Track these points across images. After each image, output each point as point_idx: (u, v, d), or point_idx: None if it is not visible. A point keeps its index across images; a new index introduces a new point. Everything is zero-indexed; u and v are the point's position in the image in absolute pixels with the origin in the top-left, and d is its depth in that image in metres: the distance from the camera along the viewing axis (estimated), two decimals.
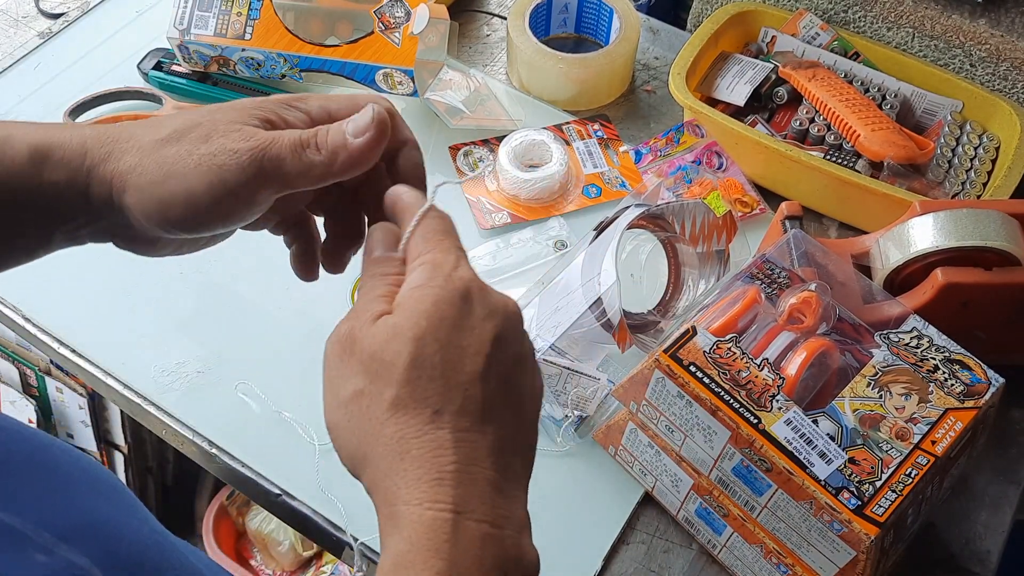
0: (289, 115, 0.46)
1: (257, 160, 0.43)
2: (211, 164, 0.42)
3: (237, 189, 0.43)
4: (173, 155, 0.43)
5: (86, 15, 1.04)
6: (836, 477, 0.56)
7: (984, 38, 0.91)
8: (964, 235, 0.69)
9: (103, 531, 0.47)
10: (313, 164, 0.44)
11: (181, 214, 0.43)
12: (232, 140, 0.43)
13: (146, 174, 0.43)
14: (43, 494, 0.46)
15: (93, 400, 1.16)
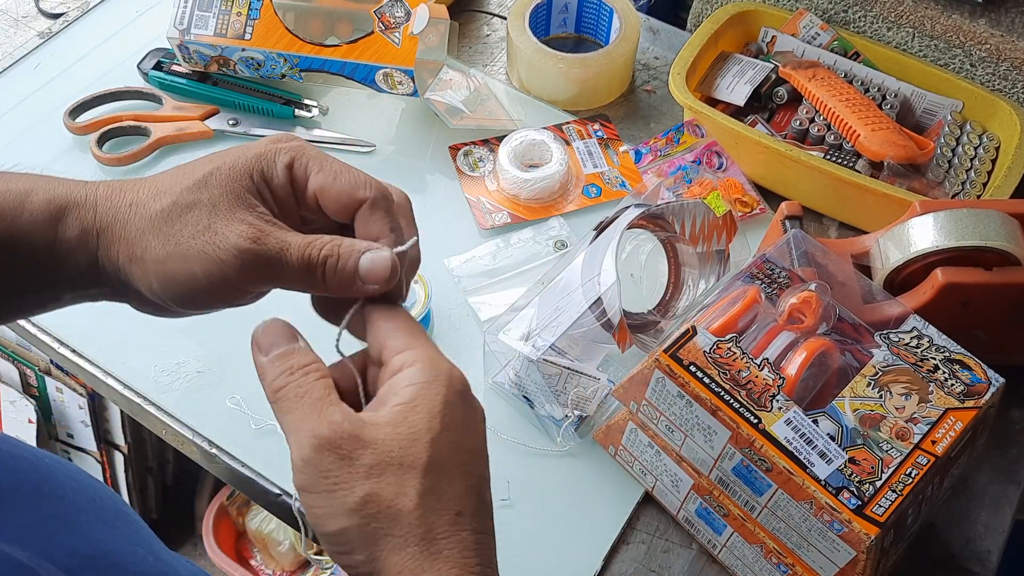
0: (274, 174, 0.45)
1: (263, 267, 0.43)
2: (214, 256, 0.42)
3: (237, 283, 0.43)
4: (175, 236, 0.43)
5: (86, 15, 1.04)
6: (836, 477, 0.56)
7: (984, 38, 0.91)
8: (964, 235, 0.69)
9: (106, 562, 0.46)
10: (316, 288, 0.44)
11: (180, 293, 0.44)
12: (235, 235, 0.42)
13: (149, 250, 0.43)
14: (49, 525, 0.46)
15: (93, 400, 1.16)
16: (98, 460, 1.22)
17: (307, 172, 0.46)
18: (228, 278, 0.43)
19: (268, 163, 0.45)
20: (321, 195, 0.46)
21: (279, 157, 0.45)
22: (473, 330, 0.81)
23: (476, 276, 0.83)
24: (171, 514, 1.37)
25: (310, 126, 0.94)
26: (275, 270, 0.43)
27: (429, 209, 0.89)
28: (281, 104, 0.93)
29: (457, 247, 0.86)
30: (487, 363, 0.76)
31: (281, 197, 0.46)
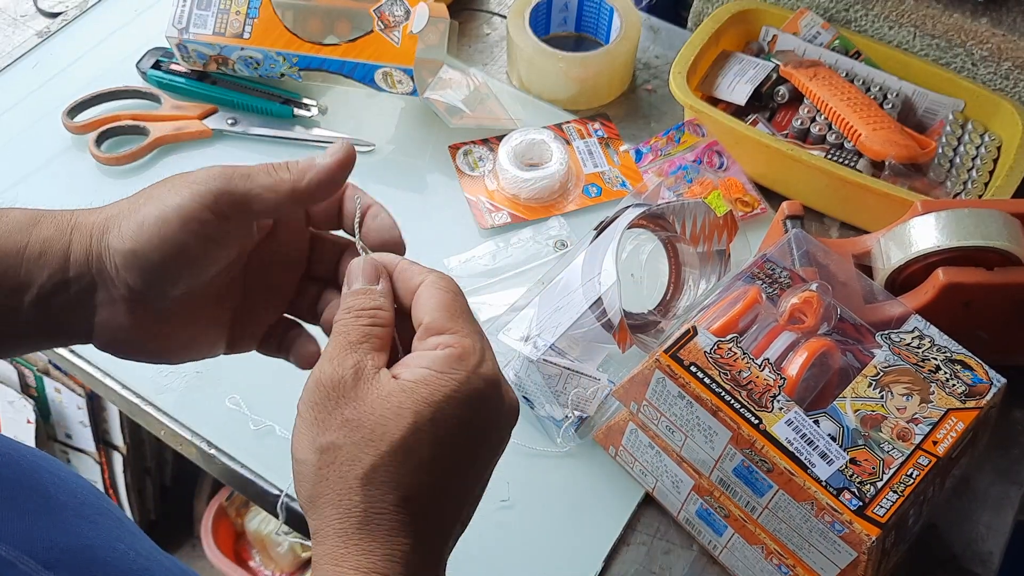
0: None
1: (227, 174, 0.44)
2: (183, 188, 0.44)
3: (208, 203, 0.43)
4: (150, 191, 0.45)
5: (85, 14, 1.03)
6: (837, 478, 0.55)
7: (986, 37, 0.91)
8: (966, 235, 0.69)
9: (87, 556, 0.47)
10: (281, 179, 0.45)
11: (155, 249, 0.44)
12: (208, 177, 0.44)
13: (121, 211, 0.45)
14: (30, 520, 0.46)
15: (92, 400, 1.15)
16: (97, 461, 1.22)
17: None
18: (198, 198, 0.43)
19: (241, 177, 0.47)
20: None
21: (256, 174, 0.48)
22: None
23: (476, 276, 0.83)
24: (170, 515, 1.37)
25: (309, 125, 0.94)
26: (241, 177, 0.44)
27: (429, 209, 0.89)
28: (280, 103, 0.93)
29: (457, 247, 0.85)
30: None
31: None
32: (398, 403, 0.40)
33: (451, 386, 0.40)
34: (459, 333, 0.42)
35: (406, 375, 0.41)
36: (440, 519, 0.42)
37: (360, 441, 0.40)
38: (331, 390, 0.41)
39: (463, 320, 0.43)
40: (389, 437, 0.39)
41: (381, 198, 0.93)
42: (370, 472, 0.39)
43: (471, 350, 0.42)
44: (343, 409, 0.40)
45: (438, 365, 0.41)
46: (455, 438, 0.41)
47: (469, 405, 0.41)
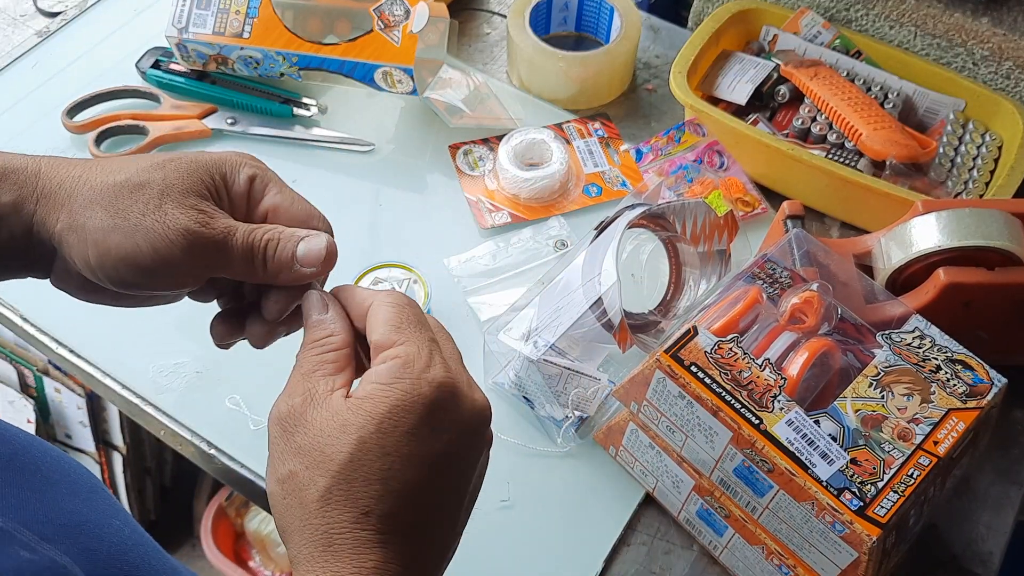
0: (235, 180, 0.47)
1: (208, 250, 0.44)
2: (161, 233, 0.43)
3: (180, 264, 0.43)
4: (124, 209, 0.43)
5: (84, 13, 1.03)
6: (838, 478, 0.55)
7: (986, 37, 0.90)
8: (966, 235, 0.69)
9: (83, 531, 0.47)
10: (255, 274, 0.46)
11: (117, 269, 0.44)
12: (186, 217, 0.43)
13: (93, 219, 0.43)
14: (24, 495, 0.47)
15: (91, 400, 1.15)
16: (96, 461, 1.22)
17: (265, 189, 0.48)
18: (172, 258, 0.43)
19: (232, 168, 0.47)
20: (274, 213, 0.48)
21: (244, 167, 0.47)
22: (473, 330, 0.80)
23: (476, 276, 0.83)
24: (169, 515, 1.37)
25: (309, 125, 0.93)
26: (220, 254, 0.44)
27: (429, 209, 0.89)
28: (280, 103, 0.93)
29: (457, 247, 0.85)
30: (487, 363, 0.75)
31: (236, 203, 0.47)
32: (343, 421, 0.41)
33: (394, 396, 0.41)
34: (404, 344, 0.43)
35: (356, 392, 0.42)
36: (414, 529, 0.42)
37: (312, 464, 0.40)
38: (284, 422, 0.42)
39: (410, 330, 0.43)
40: (338, 456, 0.40)
41: (381, 198, 0.94)
42: (325, 494, 0.40)
43: (415, 356, 0.42)
44: (295, 437, 0.41)
45: (382, 377, 0.41)
46: (405, 447, 0.41)
47: (415, 412, 0.41)
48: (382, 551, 0.40)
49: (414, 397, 0.41)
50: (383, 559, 0.40)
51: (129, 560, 0.48)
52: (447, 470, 0.43)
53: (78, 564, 0.45)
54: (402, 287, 0.77)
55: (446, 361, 0.43)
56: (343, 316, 0.46)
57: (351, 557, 0.40)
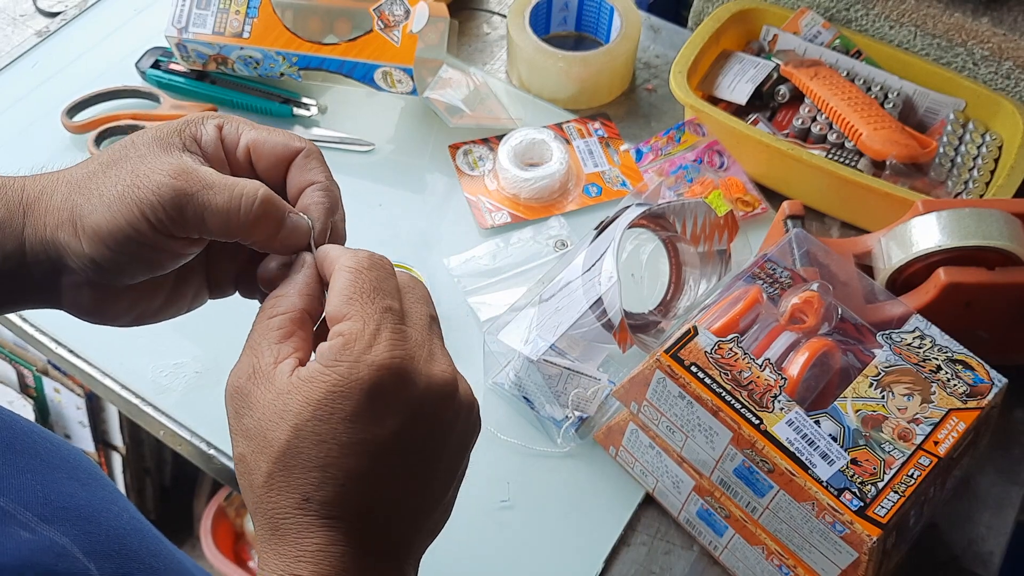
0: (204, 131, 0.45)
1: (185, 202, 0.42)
2: (137, 197, 0.41)
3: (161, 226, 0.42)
4: (101, 189, 0.42)
5: (84, 13, 1.03)
6: (838, 478, 0.55)
7: (987, 37, 0.90)
8: (967, 235, 0.69)
9: (82, 514, 0.47)
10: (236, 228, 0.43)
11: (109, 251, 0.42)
12: (160, 172, 0.42)
13: (76, 208, 0.43)
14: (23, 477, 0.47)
15: (91, 401, 1.15)
16: (96, 461, 1.22)
17: (238, 131, 0.46)
18: (150, 219, 0.41)
19: (196, 125, 0.45)
20: (255, 148, 0.46)
21: (207, 120, 0.46)
22: (473, 330, 0.80)
23: (476, 276, 0.83)
24: (169, 515, 1.37)
25: (309, 125, 0.93)
26: (199, 206, 0.42)
27: (429, 208, 0.89)
28: (279, 103, 0.93)
29: (457, 247, 0.85)
30: (487, 363, 0.75)
31: (211, 155, 0.45)
32: (283, 406, 0.39)
33: (331, 380, 0.39)
34: (351, 319, 0.40)
35: (301, 372, 0.40)
36: (364, 514, 0.40)
37: (257, 449, 0.40)
38: (234, 399, 0.41)
39: (361, 301, 0.41)
40: (277, 442, 0.39)
41: (381, 198, 0.94)
42: (268, 479, 0.39)
43: (358, 335, 0.39)
44: (243, 418, 0.41)
45: (324, 358, 0.40)
46: (344, 435, 0.39)
47: (351, 398, 0.39)
48: (325, 534, 0.39)
49: (351, 382, 0.39)
50: (327, 541, 0.39)
51: (128, 543, 0.49)
52: (398, 455, 0.40)
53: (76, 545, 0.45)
54: None
55: (398, 336, 0.40)
56: (304, 279, 0.43)
57: (295, 540, 0.39)
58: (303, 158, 0.46)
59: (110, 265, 0.43)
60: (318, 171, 0.46)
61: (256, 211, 0.43)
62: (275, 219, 0.43)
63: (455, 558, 0.70)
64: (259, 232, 0.43)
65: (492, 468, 0.73)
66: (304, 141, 0.46)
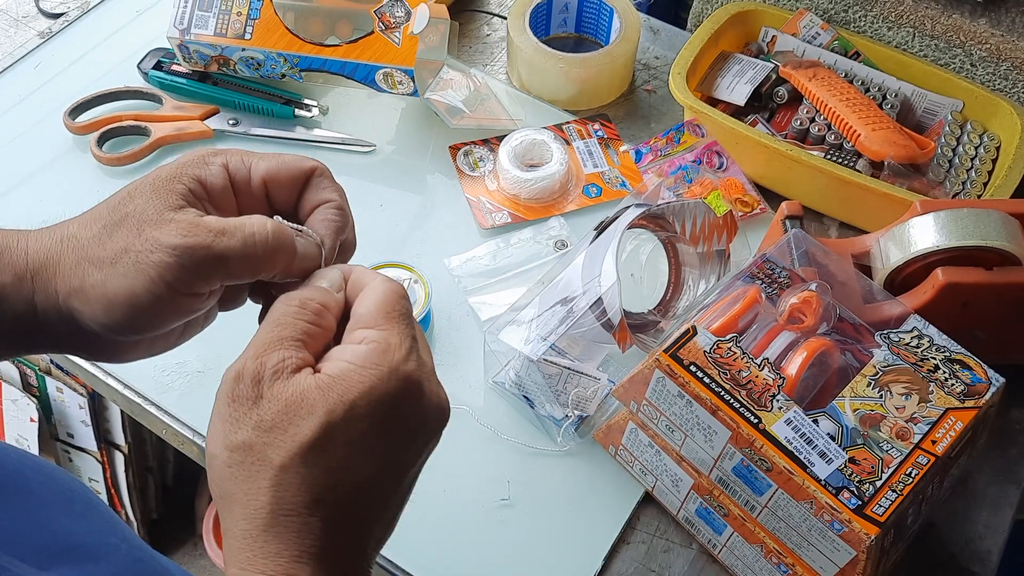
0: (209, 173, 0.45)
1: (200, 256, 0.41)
2: (150, 262, 0.41)
3: (179, 285, 0.42)
4: (110, 255, 0.42)
5: (86, 15, 1.04)
6: (836, 477, 0.56)
7: (984, 38, 0.91)
8: (965, 235, 0.69)
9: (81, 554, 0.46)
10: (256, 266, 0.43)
11: (127, 316, 0.42)
12: (168, 233, 0.41)
13: (88, 278, 0.42)
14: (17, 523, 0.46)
15: (93, 400, 1.16)
16: (98, 460, 1.23)
17: (247, 165, 0.46)
18: (169, 282, 0.41)
19: (199, 165, 0.45)
20: (272, 179, 0.46)
21: (211, 160, 0.45)
22: (473, 330, 0.80)
23: (476, 276, 0.83)
24: (171, 514, 1.37)
25: (310, 126, 0.94)
26: (215, 259, 0.42)
27: (429, 209, 0.89)
28: (281, 104, 0.93)
29: (457, 247, 0.86)
30: (487, 363, 0.76)
31: (218, 195, 0.45)
32: (312, 401, 0.39)
33: (368, 383, 0.39)
34: (387, 330, 0.41)
35: (326, 368, 0.40)
36: (356, 522, 0.41)
37: (272, 442, 0.38)
38: (249, 387, 0.39)
39: (396, 320, 0.41)
40: (300, 437, 0.38)
41: (381, 198, 0.94)
42: (280, 472, 0.38)
43: (395, 347, 0.40)
44: (257, 409, 0.39)
45: (359, 359, 0.40)
46: (369, 439, 0.39)
47: (385, 403, 0.39)
48: (323, 541, 0.39)
49: (386, 388, 0.39)
50: (325, 545, 0.39)
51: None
52: (402, 468, 0.42)
53: None
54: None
55: (423, 356, 0.42)
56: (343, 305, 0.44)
57: (294, 541, 0.38)
58: (316, 178, 0.47)
59: (128, 326, 0.43)
60: (330, 190, 0.47)
61: (272, 244, 0.43)
62: (289, 246, 0.44)
63: (455, 556, 0.70)
64: (278, 263, 0.43)
65: (492, 467, 0.73)
66: (314, 161, 0.47)
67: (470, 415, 0.75)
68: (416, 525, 0.67)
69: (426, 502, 0.67)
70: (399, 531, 0.49)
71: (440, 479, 0.72)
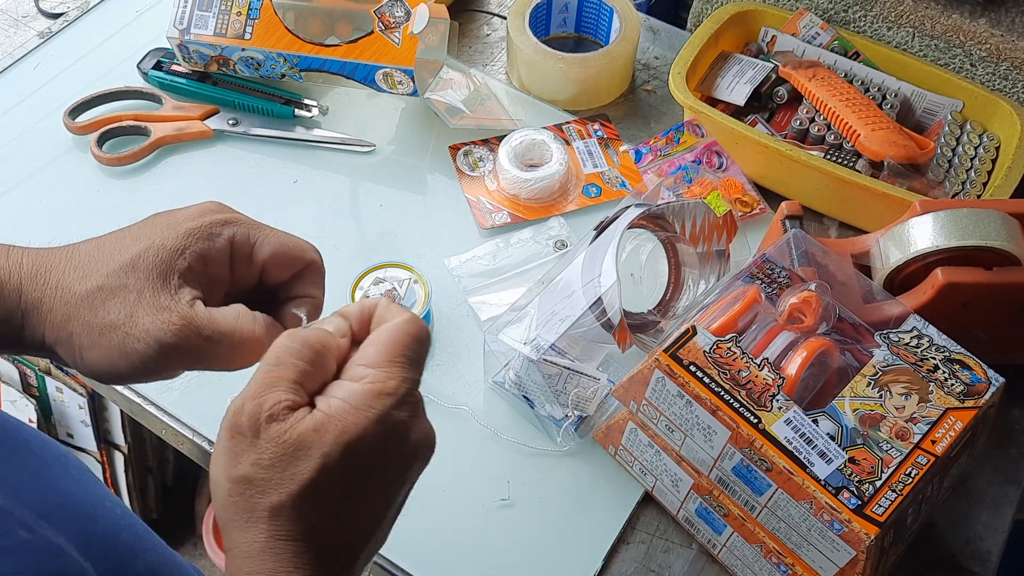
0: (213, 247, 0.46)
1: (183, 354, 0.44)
2: (134, 349, 0.43)
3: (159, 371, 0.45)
4: (98, 326, 0.44)
5: (86, 15, 1.04)
6: (836, 477, 0.56)
7: (984, 38, 0.91)
8: (964, 235, 0.69)
9: (78, 511, 0.48)
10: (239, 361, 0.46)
11: (107, 377, 0.45)
12: (157, 327, 0.43)
13: (74, 337, 0.44)
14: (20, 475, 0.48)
15: (93, 400, 1.16)
16: (98, 460, 1.23)
17: (252, 241, 0.47)
18: (149, 368, 0.44)
19: (206, 238, 0.46)
20: (276, 259, 0.48)
21: (220, 230, 0.46)
22: (473, 330, 0.80)
23: (476, 276, 0.83)
24: (171, 514, 1.37)
25: (310, 126, 0.94)
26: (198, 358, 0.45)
27: (429, 209, 0.89)
28: (281, 104, 0.93)
29: (457, 247, 0.86)
30: (487, 363, 0.76)
31: (215, 270, 0.47)
32: (309, 443, 0.40)
33: (361, 426, 0.41)
34: (386, 371, 0.42)
35: (321, 405, 0.42)
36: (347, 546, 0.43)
37: (270, 478, 0.40)
38: (248, 426, 0.41)
39: (400, 365, 0.43)
40: (299, 478, 0.40)
41: (381, 198, 0.94)
42: (277, 506, 0.40)
43: (390, 391, 0.42)
44: (255, 448, 0.41)
45: (354, 399, 0.41)
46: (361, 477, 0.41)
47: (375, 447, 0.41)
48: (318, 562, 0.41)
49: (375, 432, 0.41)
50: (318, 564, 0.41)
51: (122, 540, 0.50)
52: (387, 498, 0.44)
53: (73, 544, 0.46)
54: (402, 287, 0.77)
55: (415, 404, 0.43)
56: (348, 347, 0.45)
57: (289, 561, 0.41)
58: (310, 272, 0.49)
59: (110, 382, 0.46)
60: (316, 287, 0.49)
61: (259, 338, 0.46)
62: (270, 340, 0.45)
63: (455, 557, 0.70)
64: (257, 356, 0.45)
65: (492, 467, 0.73)
66: (315, 253, 0.49)
67: (470, 415, 0.75)
68: (416, 525, 0.67)
69: (426, 502, 0.67)
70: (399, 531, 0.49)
71: (440, 479, 0.72)
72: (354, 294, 0.77)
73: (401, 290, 0.77)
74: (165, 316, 0.44)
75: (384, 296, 0.76)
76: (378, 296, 0.75)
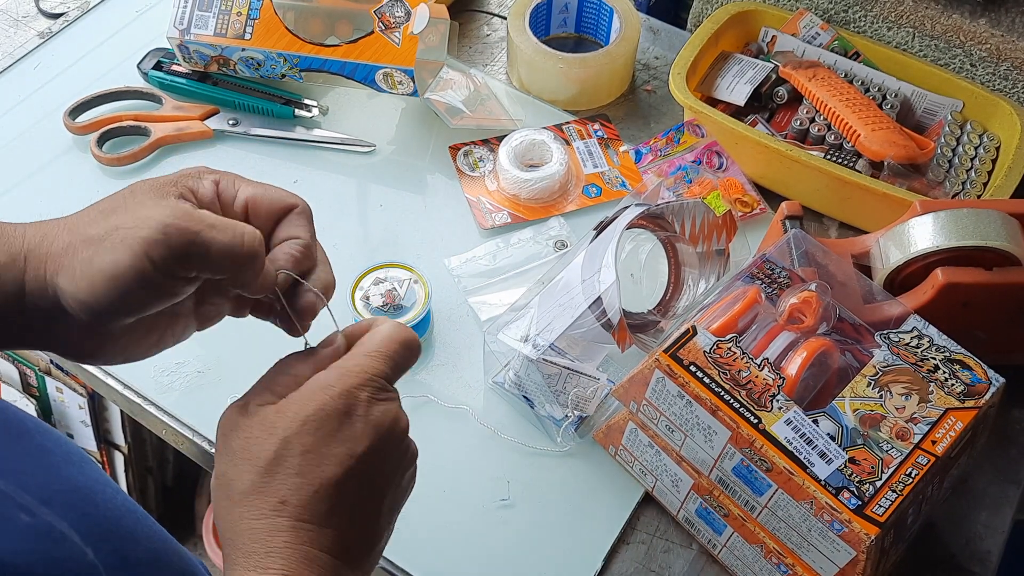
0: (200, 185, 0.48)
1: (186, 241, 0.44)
2: (138, 237, 0.43)
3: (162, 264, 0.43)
4: (101, 232, 0.44)
5: (86, 15, 1.04)
6: (836, 477, 0.56)
7: (984, 38, 0.91)
8: (964, 235, 0.69)
9: (80, 497, 0.49)
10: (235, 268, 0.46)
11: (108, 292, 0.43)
12: (161, 213, 0.44)
13: (76, 255, 0.44)
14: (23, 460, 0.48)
15: (93, 400, 1.16)
16: (98, 460, 1.23)
17: (235, 187, 0.49)
18: (153, 259, 0.42)
19: (194, 178, 0.48)
20: (254, 203, 0.49)
21: (204, 175, 0.49)
22: (473, 330, 0.81)
23: (476, 276, 0.83)
24: (171, 514, 1.37)
25: (310, 126, 0.94)
26: (204, 244, 0.44)
27: (429, 209, 0.89)
28: (281, 104, 0.93)
29: (457, 247, 0.86)
30: (487, 363, 0.76)
31: (205, 206, 0.48)
32: (271, 423, 0.45)
33: (322, 401, 0.45)
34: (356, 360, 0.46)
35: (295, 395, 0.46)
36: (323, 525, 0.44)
37: (239, 463, 0.45)
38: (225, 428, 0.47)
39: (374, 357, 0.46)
40: (264, 455, 0.44)
41: (381, 199, 0.94)
42: (249, 488, 0.44)
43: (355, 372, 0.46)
44: (228, 445, 0.46)
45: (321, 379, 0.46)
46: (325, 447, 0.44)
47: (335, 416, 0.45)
48: (294, 534, 0.43)
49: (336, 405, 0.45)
50: (296, 540, 0.43)
51: (124, 525, 0.50)
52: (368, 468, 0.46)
53: (74, 529, 0.46)
54: (402, 287, 0.77)
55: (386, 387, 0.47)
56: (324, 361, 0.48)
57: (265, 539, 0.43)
58: (295, 215, 0.50)
59: (105, 308, 0.44)
60: (303, 228, 0.50)
61: (256, 249, 0.46)
62: (261, 260, 0.46)
63: (455, 556, 0.70)
64: (251, 270, 0.46)
65: (492, 467, 0.73)
66: (297, 197, 0.50)
67: (470, 415, 0.75)
68: (416, 525, 0.67)
69: (426, 502, 0.67)
70: (399, 531, 0.49)
71: (440, 479, 0.72)
72: (354, 294, 0.77)
73: (401, 290, 0.77)
74: (166, 203, 0.45)
75: (384, 296, 0.76)
76: (378, 295, 0.76)
